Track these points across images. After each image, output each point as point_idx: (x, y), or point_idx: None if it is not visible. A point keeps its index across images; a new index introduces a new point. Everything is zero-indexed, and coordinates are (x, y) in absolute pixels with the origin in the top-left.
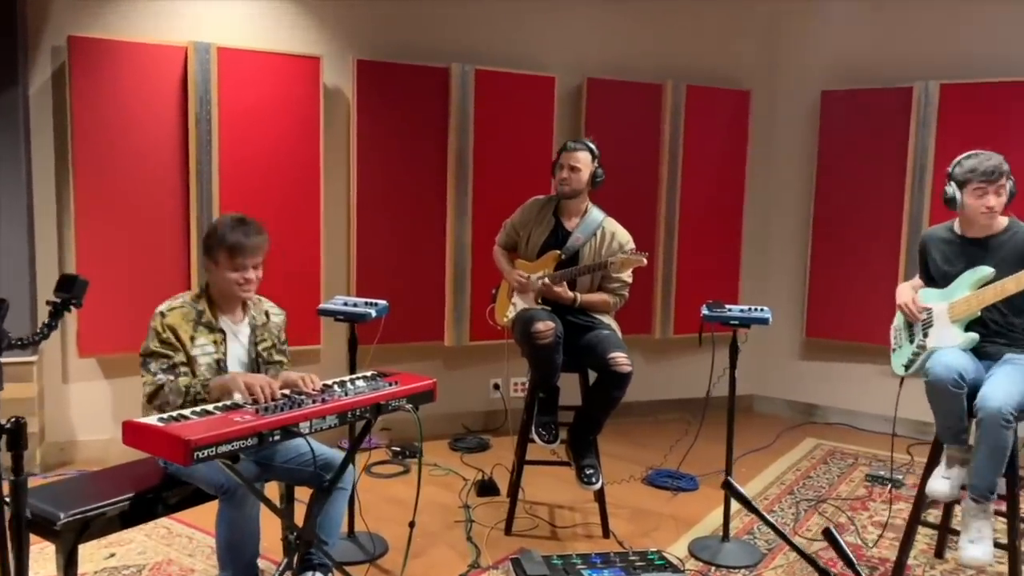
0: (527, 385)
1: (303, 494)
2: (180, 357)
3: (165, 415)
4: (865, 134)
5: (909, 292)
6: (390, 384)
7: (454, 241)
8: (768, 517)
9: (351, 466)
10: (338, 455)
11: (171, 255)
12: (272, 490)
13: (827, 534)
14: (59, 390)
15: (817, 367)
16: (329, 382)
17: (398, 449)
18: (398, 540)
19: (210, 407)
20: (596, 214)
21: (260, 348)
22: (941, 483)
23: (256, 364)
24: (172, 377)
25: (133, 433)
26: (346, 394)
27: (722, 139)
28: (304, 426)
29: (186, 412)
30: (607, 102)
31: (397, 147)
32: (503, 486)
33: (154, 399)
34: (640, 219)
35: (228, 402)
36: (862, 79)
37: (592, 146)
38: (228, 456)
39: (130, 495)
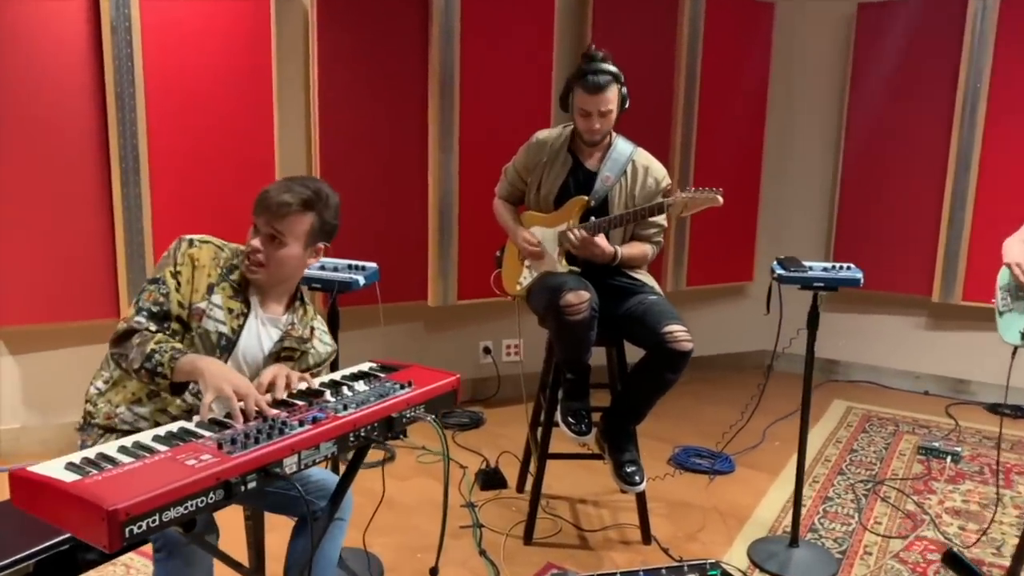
0: (549, 364)
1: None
2: (183, 310)
3: (78, 459)
4: (908, 54)
5: (1020, 248)
6: (402, 387)
7: (438, 181)
8: None
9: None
10: (329, 476)
11: (89, 203)
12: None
13: None
14: None
15: (839, 319)
16: (316, 382)
17: None
18: (393, 557)
19: (147, 438)
20: (623, 145)
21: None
22: None
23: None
24: (153, 328)
25: (26, 491)
26: (344, 407)
27: (743, 58)
28: (290, 462)
29: (111, 450)
30: (616, 12)
31: (367, 66)
32: (508, 474)
33: (119, 344)
34: (652, 148)
35: (173, 427)
36: None
37: (614, 69)
38: (179, 523)
39: (36, 549)
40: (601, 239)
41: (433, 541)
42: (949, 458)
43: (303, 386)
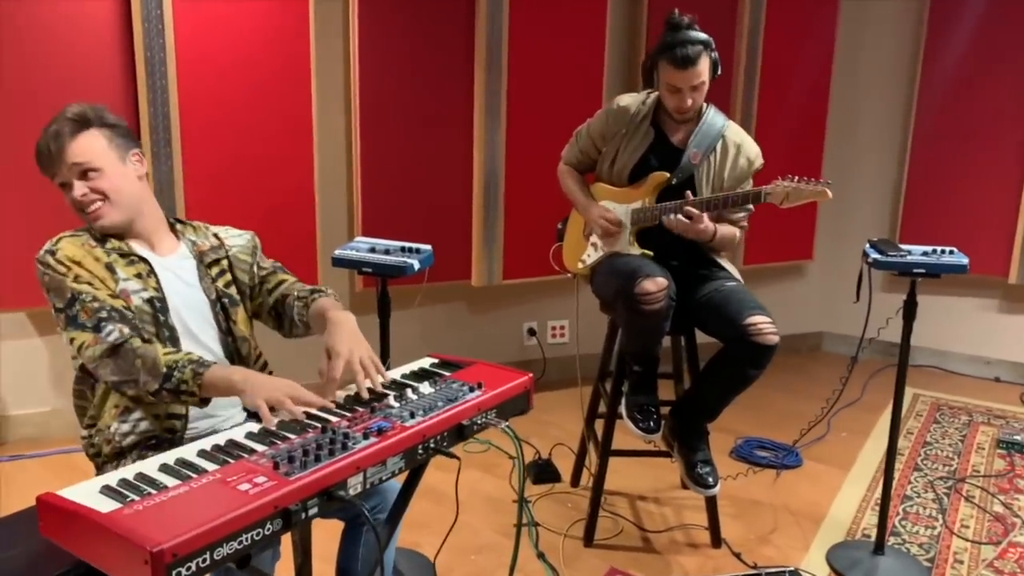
0: (610, 352)
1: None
2: (118, 299)
3: (115, 480)
4: (989, 18)
5: None
6: (471, 389)
7: (483, 156)
8: None
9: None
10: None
11: None
12: None
13: None
14: None
15: (901, 300)
16: (380, 379)
17: None
18: (445, 559)
19: (192, 453)
20: (715, 118)
21: (220, 284)
22: None
23: (220, 308)
24: (126, 329)
25: (55, 520)
26: (411, 415)
27: (808, 26)
28: (355, 482)
29: (151, 468)
30: None
31: (410, 28)
32: (560, 466)
33: (111, 363)
34: None
35: (220, 439)
36: None
37: (703, 36)
38: (232, 560)
39: (69, 568)
40: (707, 218)
41: (487, 540)
42: None
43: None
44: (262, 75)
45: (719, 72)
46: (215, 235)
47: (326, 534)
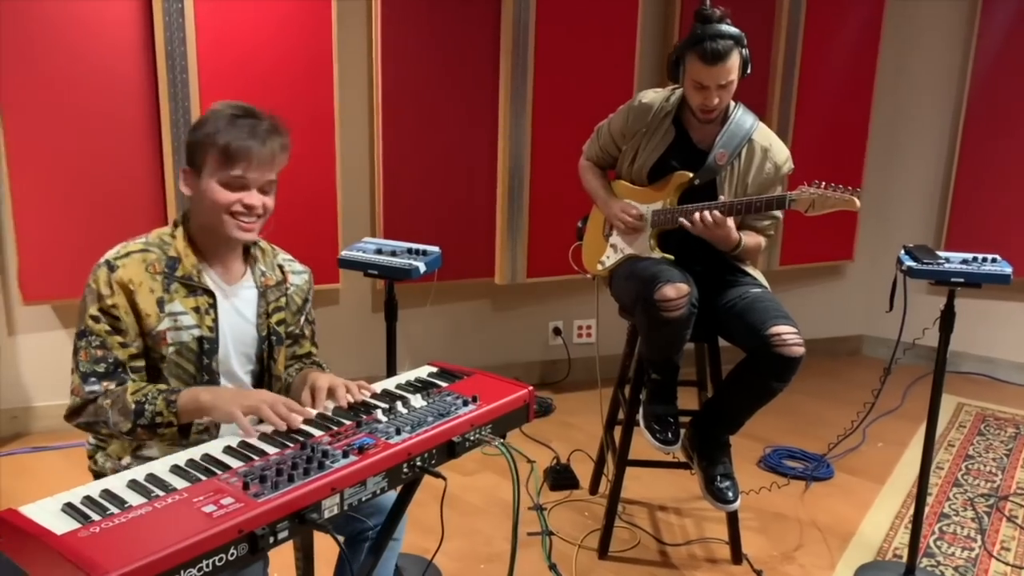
0: (629, 357)
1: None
2: (129, 348)
3: (78, 498)
4: None
5: None
6: (465, 402)
7: (508, 150)
8: None
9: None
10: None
11: (136, 167)
12: None
13: None
14: (3, 345)
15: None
16: (367, 393)
17: None
18: (455, 567)
19: (164, 468)
20: (744, 118)
21: (273, 321)
22: None
23: (267, 347)
24: (112, 385)
25: (14, 538)
26: (397, 431)
27: (851, 21)
28: (330, 504)
29: (118, 485)
30: None
31: (434, 20)
32: (579, 471)
33: (79, 414)
34: None
35: (196, 453)
36: None
37: (735, 31)
38: None
39: None
40: (731, 222)
41: (498, 549)
42: None
43: (366, 395)
44: (283, 69)
45: (749, 71)
46: (279, 266)
47: (327, 539)
